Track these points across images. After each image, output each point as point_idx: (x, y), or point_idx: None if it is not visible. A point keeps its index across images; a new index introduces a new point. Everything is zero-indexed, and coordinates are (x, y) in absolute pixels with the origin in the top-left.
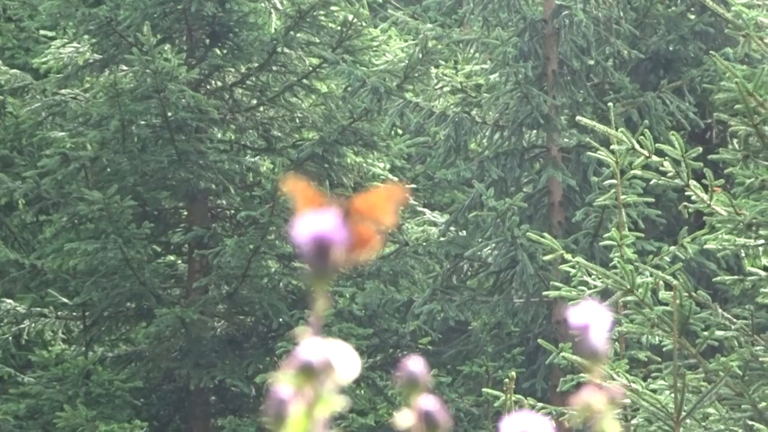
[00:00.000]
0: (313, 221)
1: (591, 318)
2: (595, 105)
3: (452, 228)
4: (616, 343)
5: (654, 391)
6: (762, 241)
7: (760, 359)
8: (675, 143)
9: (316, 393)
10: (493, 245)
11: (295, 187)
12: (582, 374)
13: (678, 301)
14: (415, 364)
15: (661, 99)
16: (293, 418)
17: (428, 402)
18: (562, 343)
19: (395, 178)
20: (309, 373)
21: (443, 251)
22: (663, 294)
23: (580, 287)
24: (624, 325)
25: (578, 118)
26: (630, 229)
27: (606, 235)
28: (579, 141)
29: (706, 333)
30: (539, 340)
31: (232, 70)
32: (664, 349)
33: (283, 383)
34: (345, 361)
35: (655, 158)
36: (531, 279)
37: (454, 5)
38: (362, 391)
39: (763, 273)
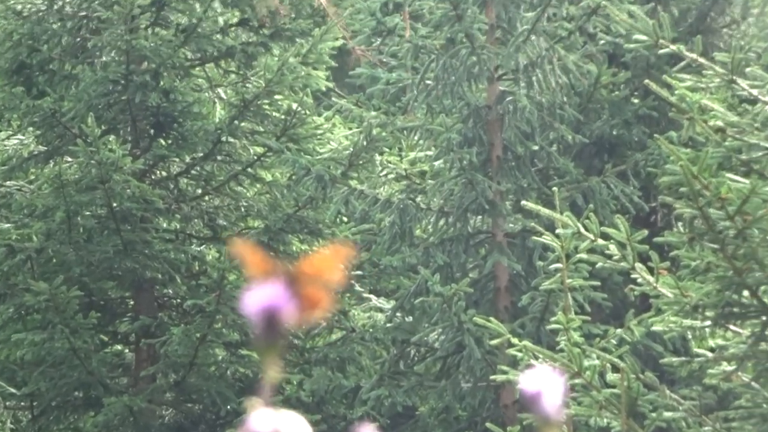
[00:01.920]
0: (261, 293)
1: (543, 384)
2: (540, 190)
3: (398, 314)
4: (564, 426)
5: None
6: (708, 323)
7: None
8: (620, 227)
9: None
10: (440, 330)
11: (243, 252)
12: None
13: (626, 383)
14: (368, 430)
15: (605, 183)
16: None
17: None
18: (510, 426)
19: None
20: None
21: (390, 337)
22: (610, 376)
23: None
24: (572, 407)
25: (523, 203)
26: (576, 313)
27: (552, 318)
28: (524, 226)
29: (654, 414)
30: (487, 424)
31: (177, 159)
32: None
33: None
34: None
35: (600, 242)
36: (478, 363)
37: (398, 93)
38: None
39: (710, 354)
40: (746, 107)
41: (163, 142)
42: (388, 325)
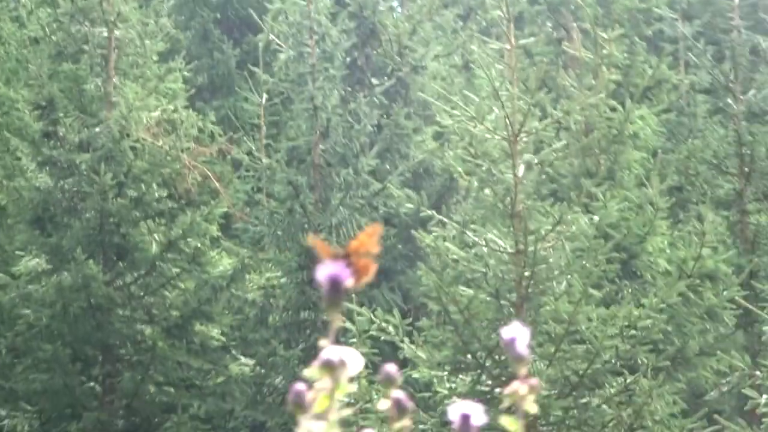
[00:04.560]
0: (327, 268)
1: (516, 334)
2: None
3: None
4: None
5: None
6: None
7: None
8: None
9: (335, 381)
10: None
11: (317, 245)
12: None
13: None
14: (390, 367)
15: None
16: (319, 398)
17: (399, 394)
18: None
19: None
20: (330, 367)
21: None
22: None
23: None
24: None
25: None
26: None
27: None
28: None
29: None
30: None
31: None
32: None
33: (311, 375)
34: (353, 361)
35: None
36: None
37: None
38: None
39: None
40: None
41: None
42: None
